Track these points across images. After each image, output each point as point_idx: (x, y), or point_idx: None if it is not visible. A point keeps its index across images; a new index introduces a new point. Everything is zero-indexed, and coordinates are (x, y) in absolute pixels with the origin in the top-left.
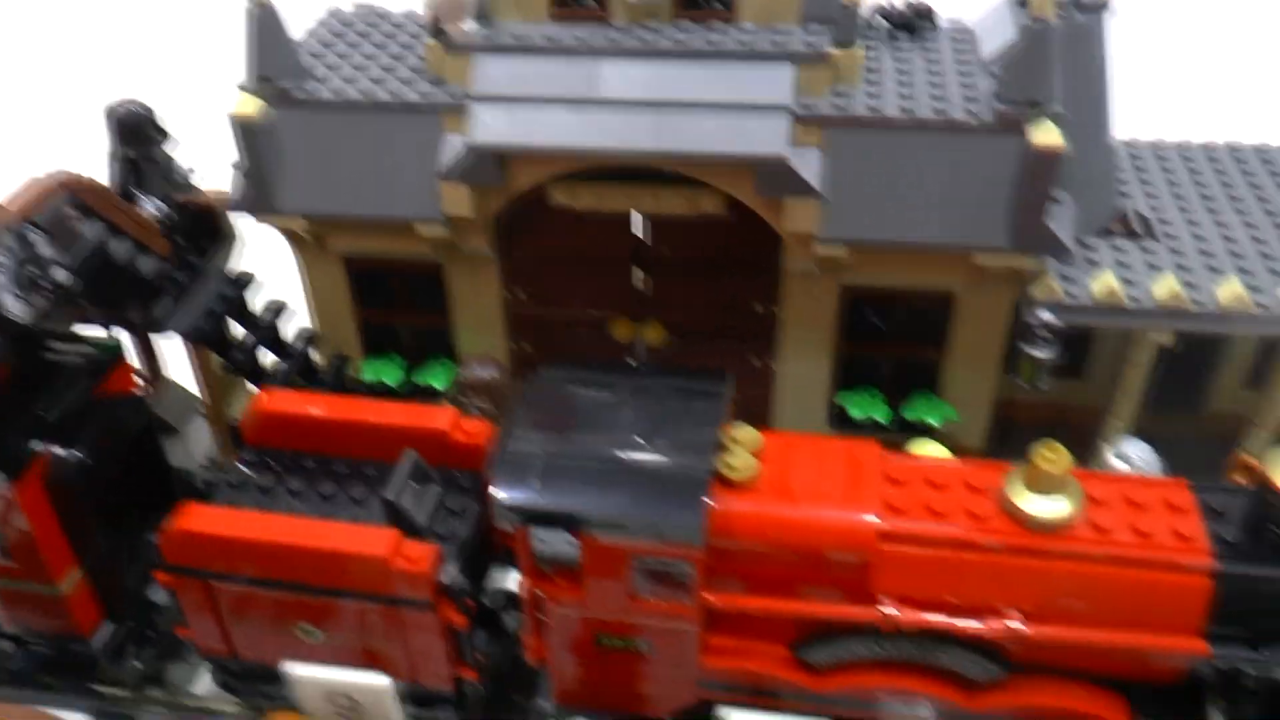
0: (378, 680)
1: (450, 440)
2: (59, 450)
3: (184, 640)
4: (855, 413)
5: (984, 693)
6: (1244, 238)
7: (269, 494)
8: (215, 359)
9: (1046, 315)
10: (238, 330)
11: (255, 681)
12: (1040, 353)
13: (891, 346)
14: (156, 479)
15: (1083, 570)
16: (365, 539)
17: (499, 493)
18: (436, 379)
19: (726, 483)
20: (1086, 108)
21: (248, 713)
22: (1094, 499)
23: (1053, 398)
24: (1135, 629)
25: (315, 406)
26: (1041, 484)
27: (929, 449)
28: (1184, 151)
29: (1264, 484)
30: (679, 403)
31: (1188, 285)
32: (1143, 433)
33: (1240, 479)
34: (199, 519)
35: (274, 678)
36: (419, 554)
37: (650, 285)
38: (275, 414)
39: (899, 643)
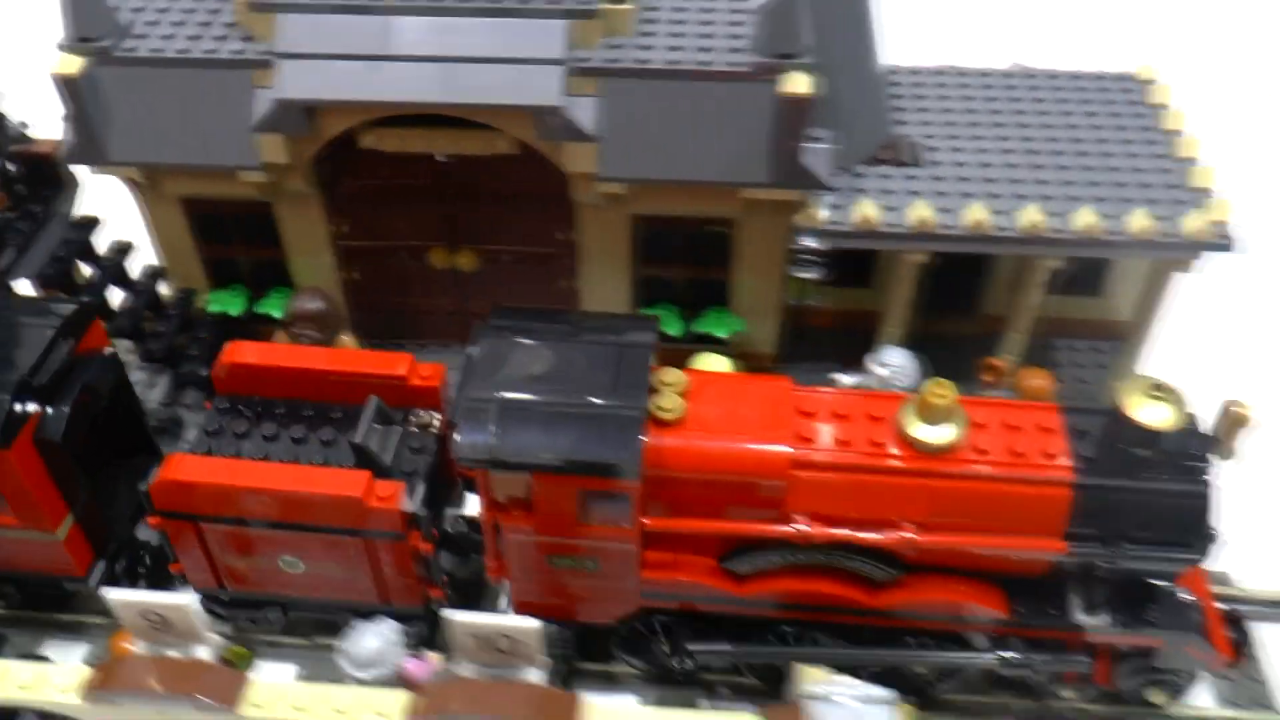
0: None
1: (408, 384)
2: (48, 410)
3: (175, 575)
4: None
5: (883, 591)
6: (999, 163)
7: (245, 438)
8: None
9: (809, 240)
10: (87, 272)
11: (241, 609)
12: (806, 274)
13: (682, 267)
14: (131, 427)
15: (966, 487)
16: (340, 481)
17: (461, 439)
18: (275, 308)
19: (658, 422)
20: (854, 44)
21: None
22: (977, 424)
23: (842, 304)
24: (1009, 534)
25: (283, 356)
26: (930, 415)
27: (711, 361)
28: (962, 78)
29: (1115, 409)
30: (613, 350)
31: (941, 210)
32: (920, 334)
33: (986, 378)
34: (186, 468)
35: (258, 604)
36: (388, 492)
37: (459, 217)
38: (244, 364)
39: (810, 552)
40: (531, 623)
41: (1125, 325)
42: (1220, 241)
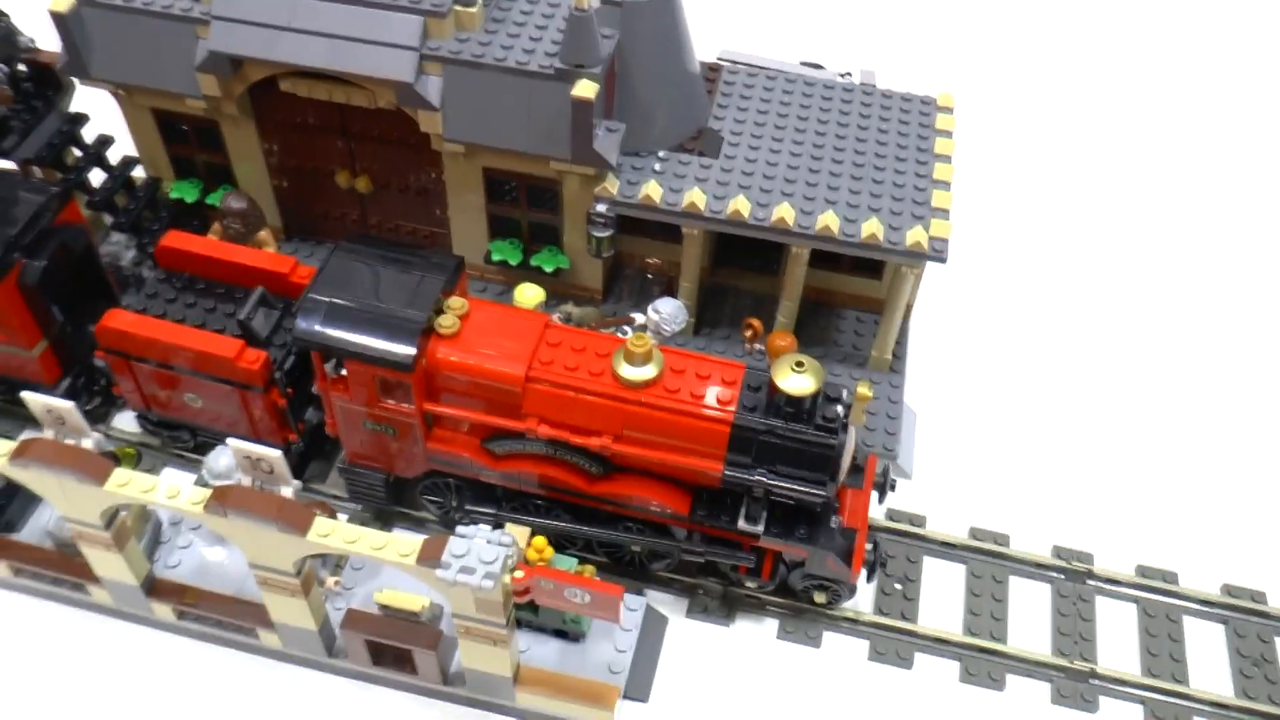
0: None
1: (290, 280)
2: (29, 261)
3: (118, 396)
4: (496, 257)
5: (597, 481)
6: (784, 163)
7: (171, 304)
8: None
9: (601, 207)
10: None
11: (165, 429)
12: (599, 233)
13: (523, 211)
14: (96, 281)
15: (654, 414)
16: (222, 345)
17: (298, 326)
18: (218, 200)
19: (438, 334)
20: (664, 48)
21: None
22: (675, 370)
23: (658, 254)
24: (685, 454)
25: (207, 247)
26: (634, 358)
27: (527, 291)
28: (790, 83)
29: (771, 379)
30: (419, 275)
31: (714, 198)
32: (721, 288)
33: (746, 334)
34: (121, 320)
35: (175, 426)
36: (254, 357)
37: (356, 150)
38: (178, 249)
39: (541, 444)
40: (275, 451)
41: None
42: (934, 254)
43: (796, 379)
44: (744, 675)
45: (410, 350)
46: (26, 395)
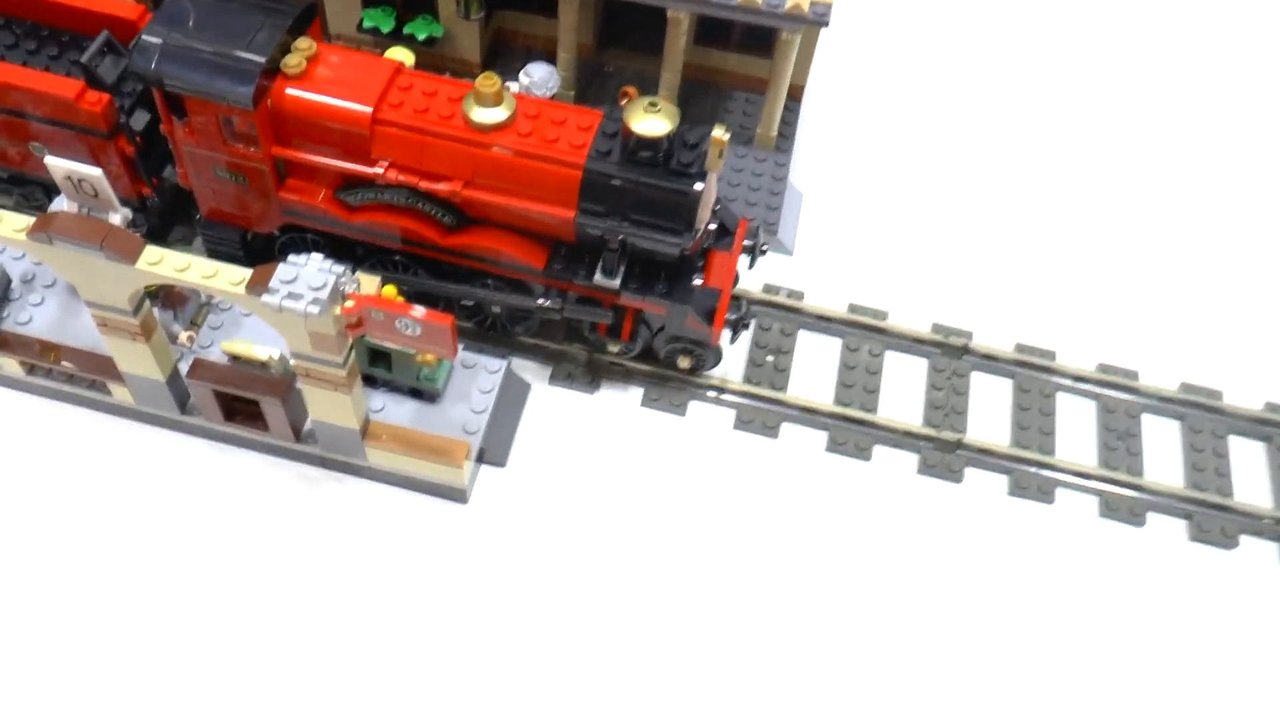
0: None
1: (138, 27)
2: None
3: None
4: (368, 24)
5: (452, 234)
6: None
7: (12, 49)
8: None
9: None
10: None
11: (16, 185)
12: None
13: None
14: None
15: (503, 159)
16: (61, 85)
17: (134, 63)
18: None
19: (284, 75)
20: None
21: None
22: (528, 115)
23: (537, 30)
24: (536, 202)
25: None
26: (482, 100)
27: (399, 53)
28: None
29: (624, 120)
30: (262, 17)
31: None
32: (601, 64)
33: (621, 102)
34: None
35: (26, 183)
36: (97, 99)
37: None
38: None
39: (394, 193)
40: (96, 170)
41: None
42: (814, 19)
43: (650, 121)
44: (607, 443)
45: (250, 86)
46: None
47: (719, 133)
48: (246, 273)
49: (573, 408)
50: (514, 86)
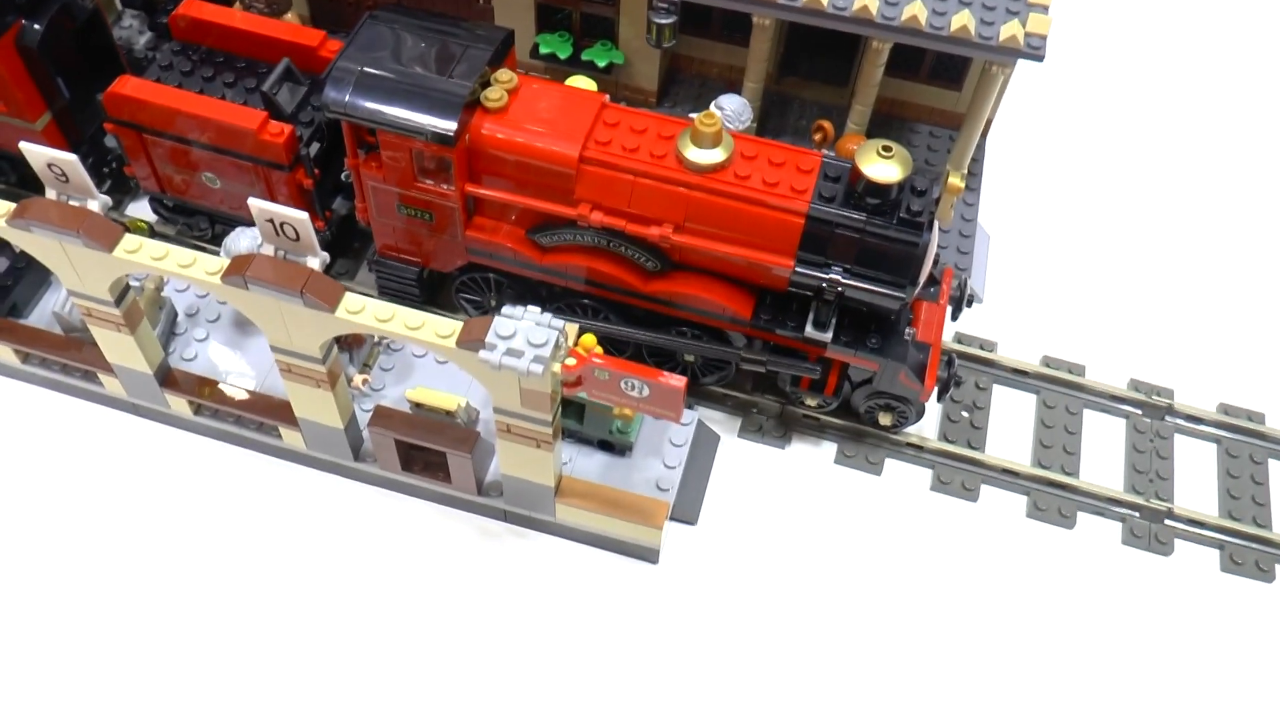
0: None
1: (319, 54)
2: (28, 22)
3: (129, 177)
4: (544, 49)
5: (653, 278)
6: None
7: (188, 76)
8: None
9: None
10: None
11: (181, 215)
12: (660, 19)
13: (577, 1)
14: (104, 53)
15: (721, 203)
16: (243, 115)
17: (326, 94)
18: None
19: (484, 108)
20: None
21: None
22: (746, 156)
23: (716, 57)
24: (752, 249)
25: (227, 17)
26: (701, 139)
27: (580, 81)
28: None
29: (851, 159)
30: (461, 47)
31: None
32: (785, 94)
33: (816, 137)
34: (133, 87)
35: (191, 213)
36: (279, 130)
37: None
38: (197, 18)
39: (594, 235)
40: (301, 214)
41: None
42: (1030, 51)
43: (883, 166)
44: (800, 501)
45: (453, 122)
46: (25, 146)
47: (956, 180)
48: (456, 325)
49: (763, 462)
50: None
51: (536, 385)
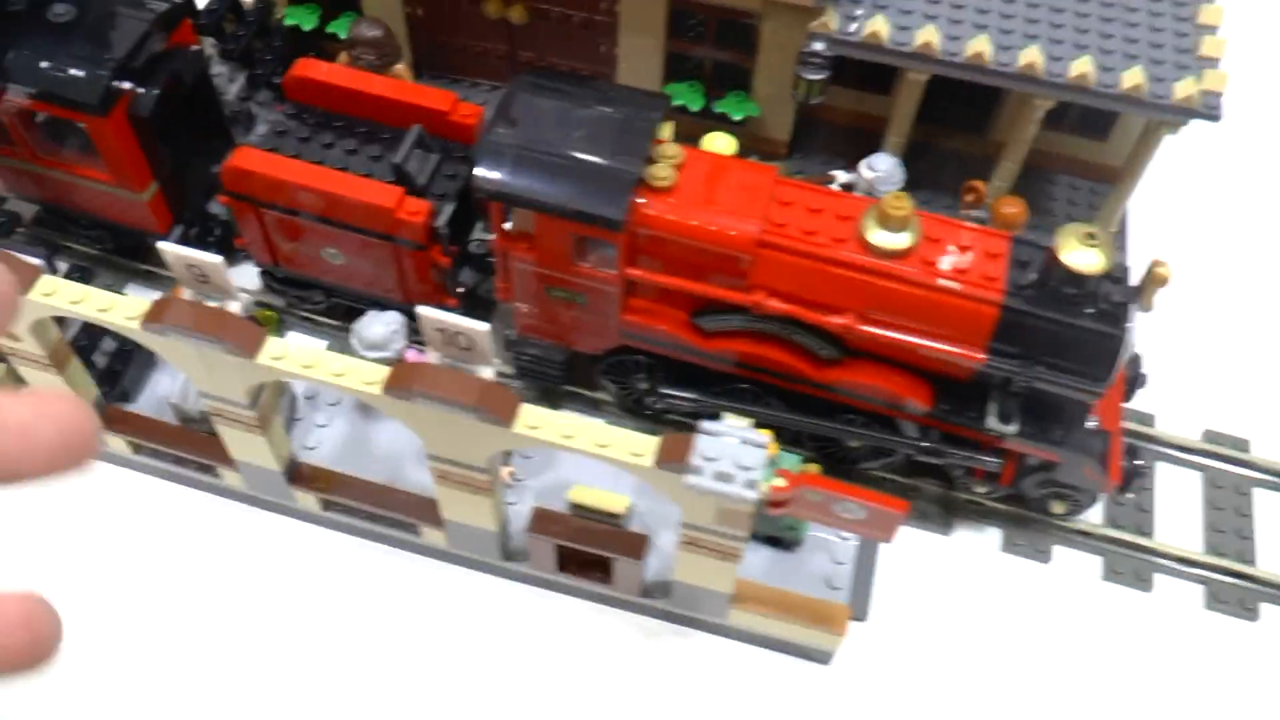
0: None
1: (449, 119)
2: (140, 89)
3: (240, 249)
4: (675, 101)
5: (827, 367)
6: (1024, 0)
7: (305, 143)
8: None
9: (818, 45)
10: None
11: (291, 287)
12: (810, 75)
13: (709, 49)
14: (211, 116)
15: (907, 290)
16: (378, 192)
17: (479, 173)
18: (341, 29)
19: (651, 187)
20: None
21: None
22: (931, 238)
23: (856, 106)
24: (939, 338)
25: (347, 78)
26: (887, 222)
27: (717, 139)
28: None
29: (1048, 249)
30: (623, 119)
31: (949, 38)
32: (925, 146)
33: (967, 198)
34: (252, 159)
35: (305, 285)
36: (417, 208)
37: None
38: (313, 79)
39: (766, 321)
40: (482, 326)
41: (1119, 171)
42: (1208, 111)
43: (1086, 254)
44: (965, 592)
45: (622, 206)
46: (163, 247)
47: (1163, 270)
48: (648, 442)
49: (926, 550)
50: (843, 177)
51: (739, 506)
